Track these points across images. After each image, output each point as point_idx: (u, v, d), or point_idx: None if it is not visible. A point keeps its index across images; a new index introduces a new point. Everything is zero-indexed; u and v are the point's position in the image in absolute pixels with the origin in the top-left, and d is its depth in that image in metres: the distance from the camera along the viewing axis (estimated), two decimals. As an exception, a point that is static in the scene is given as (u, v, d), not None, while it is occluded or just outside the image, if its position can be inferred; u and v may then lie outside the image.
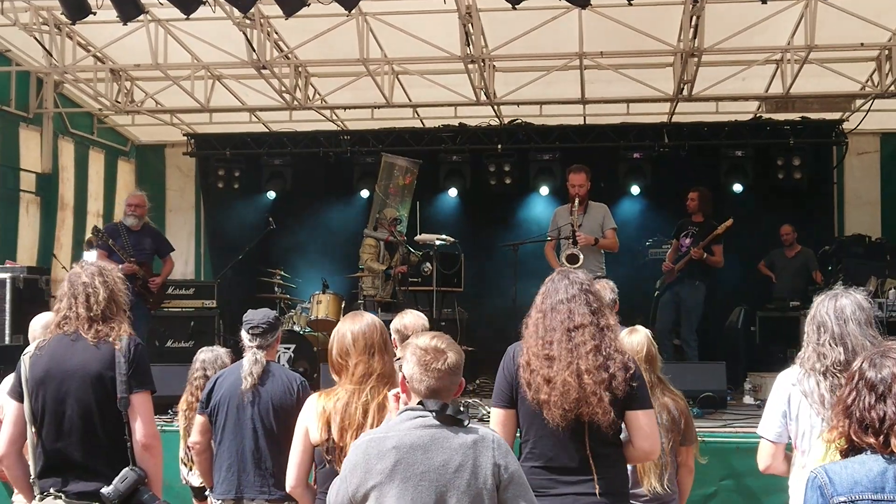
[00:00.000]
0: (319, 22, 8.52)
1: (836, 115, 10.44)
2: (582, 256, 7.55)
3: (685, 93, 9.35)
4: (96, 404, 3.49)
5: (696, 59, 8.66)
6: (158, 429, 3.70)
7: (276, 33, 9.14)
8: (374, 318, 3.67)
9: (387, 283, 9.90)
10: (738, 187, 10.82)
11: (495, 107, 10.50)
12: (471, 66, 9.08)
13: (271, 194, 11.74)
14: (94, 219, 10.91)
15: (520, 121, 11.11)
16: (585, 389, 3.19)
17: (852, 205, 11.22)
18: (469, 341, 8.84)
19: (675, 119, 10.82)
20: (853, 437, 2.43)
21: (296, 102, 9.87)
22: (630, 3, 7.35)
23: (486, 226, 11.17)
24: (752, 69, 9.33)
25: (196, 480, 5.05)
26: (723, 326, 10.31)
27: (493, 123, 11.15)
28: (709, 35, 8.29)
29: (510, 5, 7.08)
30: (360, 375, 3.49)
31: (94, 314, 3.57)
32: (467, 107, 10.25)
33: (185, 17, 7.49)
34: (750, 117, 10.78)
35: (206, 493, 4.75)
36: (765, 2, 7.49)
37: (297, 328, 9.49)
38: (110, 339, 3.54)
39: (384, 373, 3.51)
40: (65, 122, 10.68)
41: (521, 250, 8.15)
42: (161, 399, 4.06)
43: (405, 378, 2.76)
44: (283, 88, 9.70)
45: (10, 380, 3.82)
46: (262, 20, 8.65)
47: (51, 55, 8.97)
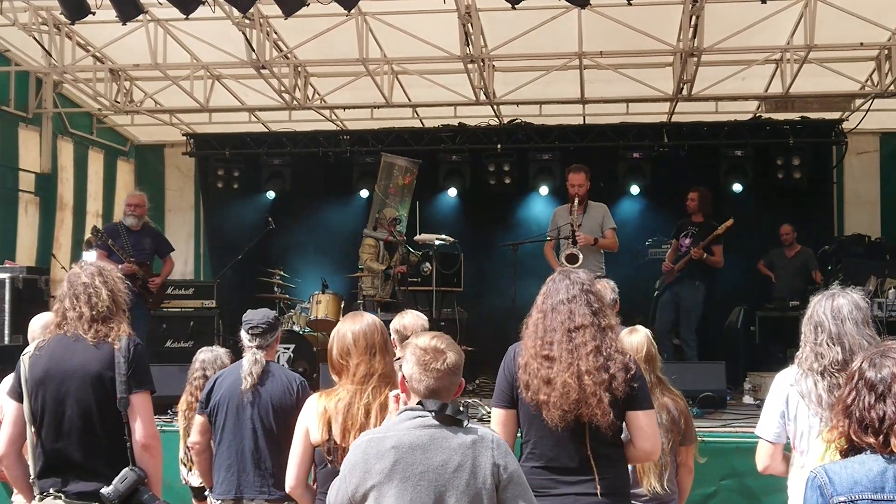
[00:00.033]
0: (319, 22, 8.52)
1: (836, 115, 10.44)
2: (581, 256, 7.55)
3: (685, 92, 9.34)
4: (96, 404, 3.49)
5: (695, 59, 8.66)
6: (158, 429, 3.69)
7: (276, 33, 9.14)
8: (374, 319, 3.66)
9: (386, 283, 9.90)
10: (737, 187, 10.82)
11: (495, 106, 10.49)
12: (470, 66, 9.08)
13: (271, 194, 11.73)
14: (93, 219, 10.91)
15: (519, 120, 11.11)
16: (585, 391, 3.18)
17: (852, 204, 11.21)
18: (469, 341, 8.83)
19: (675, 119, 10.82)
20: (853, 437, 2.43)
21: (295, 102, 9.87)
22: (630, 3, 7.34)
23: (485, 226, 11.16)
24: (751, 69, 9.32)
25: (196, 481, 5.04)
26: (722, 326, 10.31)
27: (493, 123, 11.14)
28: (708, 35, 8.28)
29: (510, 5, 7.07)
30: (361, 376, 3.48)
31: (94, 314, 3.56)
32: (467, 106, 10.24)
33: (185, 16, 7.49)
34: (749, 117, 10.78)
35: (206, 494, 4.75)
36: (764, 1, 7.49)
37: (296, 328, 9.48)
38: (110, 340, 3.54)
39: (385, 373, 3.50)
40: (64, 122, 10.67)
41: (521, 250, 8.15)
42: (160, 399, 4.06)
43: (405, 378, 2.76)
44: (283, 88, 9.69)
45: (10, 380, 3.82)
46: (261, 20, 8.65)
47: (50, 55, 8.97)
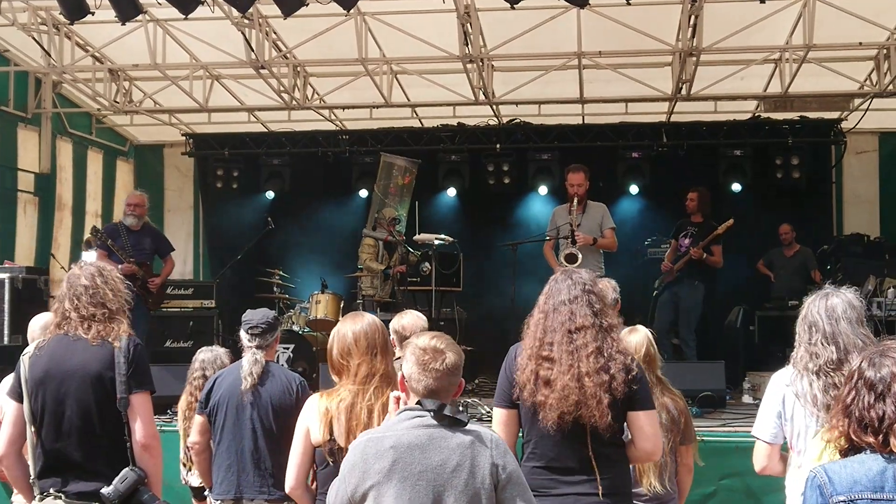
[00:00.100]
0: (318, 22, 8.52)
1: (835, 115, 10.44)
2: (581, 256, 7.55)
3: (684, 92, 9.34)
4: (96, 404, 3.49)
5: (694, 59, 8.67)
6: (158, 429, 3.69)
7: (275, 33, 9.14)
8: (374, 319, 3.65)
9: (386, 283, 9.91)
10: (736, 187, 10.82)
11: (494, 106, 10.49)
12: (469, 66, 9.08)
13: (270, 194, 11.72)
14: (92, 219, 10.91)
15: (518, 120, 11.11)
16: (586, 392, 3.17)
17: (851, 204, 11.22)
18: (468, 341, 8.83)
19: (674, 118, 10.82)
20: (852, 437, 2.43)
21: (294, 102, 9.87)
22: (629, 3, 7.35)
23: (484, 225, 11.17)
24: (750, 68, 9.33)
25: (195, 481, 5.05)
26: (722, 326, 10.31)
27: (492, 123, 11.15)
28: (707, 34, 8.29)
29: (509, 5, 7.07)
30: (363, 376, 3.47)
31: (94, 314, 3.56)
32: (466, 106, 10.24)
33: (184, 17, 7.49)
34: (748, 117, 10.78)
35: (206, 494, 4.75)
36: (763, 1, 7.48)
37: (296, 328, 9.48)
38: (110, 340, 3.54)
39: (386, 373, 3.50)
40: (63, 122, 10.67)
41: (520, 250, 8.16)
42: (160, 399, 4.07)
43: (404, 377, 2.76)
44: (282, 88, 9.69)
45: (10, 380, 3.82)
46: (260, 20, 8.65)
47: (49, 55, 8.96)
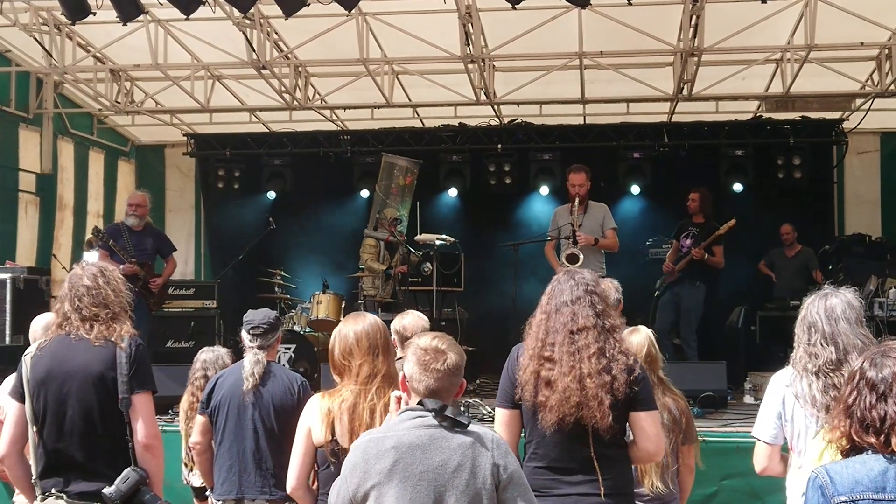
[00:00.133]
0: (319, 22, 8.52)
1: (836, 115, 10.43)
2: (582, 256, 7.56)
3: (685, 92, 9.34)
4: (98, 405, 3.49)
5: (695, 59, 8.66)
6: (160, 429, 3.70)
7: (276, 33, 9.14)
8: (376, 319, 3.65)
9: (387, 283, 9.90)
10: (738, 187, 10.81)
11: (495, 107, 10.49)
12: (471, 66, 9.08)
13: (271, 194, 11.73)
14: (94, 219, 10.91)
15: (520, 120, 11.11)
16: (587, 393, 3.17)
17: (852, 204, 11.21)
18: (469, 341, 8.83)
19: (675, 119, 10.82)
20: (854, 437, 2.43)
21: (296, 102, 9.86)
22: (630, 3, 7.34)
23: (486, 226, 11.15)
24: (751, 69, 9.32)
25: (197, 481, 5.05)
26: (723, 326, 10.30)
27: (493, 123, 11.14)
28: (709, 34, 8.28)
29: (510, 5, 7.06)
30: (365, 376, 3.47)
31: (96, 315, 3.56)
32: (467, 107, 10.24)
33: (185, 17, 7.48)
34: (750, 117, 10.78)
35: (207, 494, 4.75)
36: (764, 1, 7.48)
37: (297, 328, 9.48)
38: (112, 340, 3.54)
39: (388, 373, 3.50)
40: (64, 123, 10.66)
41: (522, 250, 8.15)
42: (162, 399, 4.08)
43: (405, 377, 2.76)
44: (283, 88, 9.69)
45: (11, 380, 3.82)
46: (261, 20, 8.64)
47: (51, 55, 8.96)
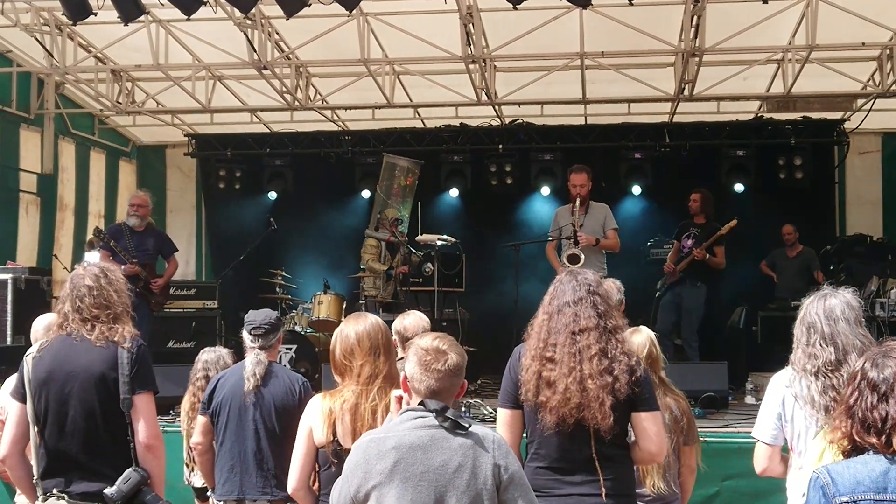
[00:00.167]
0: (320, 22, 8.52)
1: (838, 115, 10.43)
2: (583, 257, 7.56)
3: (686, 93, 9.33)
4: (99, 405, 3.49)
5: (697, 59, 8.65)
6: (161, 430, 3.70)
7: (277, 34, 9.14)
8: (377, 319, 3.65)
9: (388, 284, 9.90)
10: (739, 187, 10.81)
11: (496, 107, 10.49)
12: (472, 67, 9.08)
13: (272, 195, 11.74)
14: (95, 220, 10.91)
15: (521, 121, 11.11)
16: (588, 394, 3.17)
17: (854, 205, 11.20)
18: (470, 341, 8.82)
19: (677, 119, 10.82)
20: (855, 438, 2.43)
21: (297, 103, 9.87)
22: (631, 3, 7.34)
23: (487, 226, 11.15)
24: (753, 69, 9.31)
25: (198, 481, 5.05)
26: (724, 326, 10.31)
27: (495, 123, 11.14)
28: (710, 35, 8.28)
29: (511, 5, 7.06)
30: (366, 376, 3.47)
31: (97, 315, 3.56)
32: (468, 107, 10.23)
33: (186, 17, 7.49)
34: (751, 117, 10.78)
35: (209, 494, 4.75)
36: (766, 1, 7.47)
37: (298, 329, 9.49)
38: (113, 340, 3.54)
39: (389, 374, 3.50)
40: (66, 123, 10.67)
41: (523, 250, 8.16)
42: (163, 400, 4.07)
43: (406, 378, 2.76)
44: (284, 89, 9.69)
45: (13, 381, 3.82)
46: (262, 20, 8.64)
47: (52, 56, 8.97)
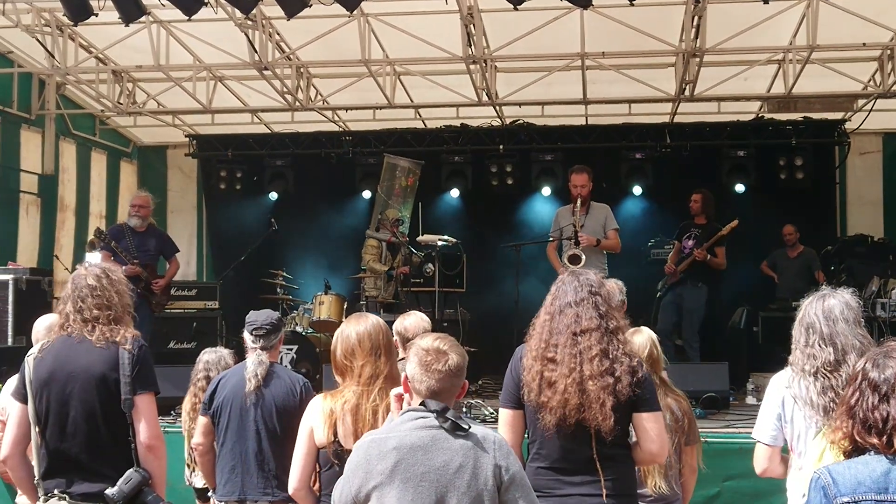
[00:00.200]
0: (321, 23, 8.52)
1: (839, 115, 10.42)
2: (584, 257, 7.56)
3: (687, 93, 9.33)
4: (100, 406, 3.49)
5: (697, 60, 8.65)
6: (162, 430, 3.70)
7: (278, 34, 9.15)
8: (378, 320, 3.66)
9: (389, 284, 9.90)
10: (740, 187, 10.81)
11: (497, 107, 10.49)
12: (472, 67, 9.07)
13: (273, 195, 11.74)
14: (96, 220, 10.91)
15: (521, 121, 11.10)
16: (589, 395, 3.17)
17: (855, 205, 11.19)
18: (471, 342, 8.82)
19: (677, 119, 10.81)
20: (856, 438, 2.43)
21: (297, 103, 9.86)
22: (632, 4, 7.34)
23: (488, 226, 11.15)
24: (753, 69, 9.31)
25: (199, 482, 5.05)
26: (725, 327, 10.30)
27: (495, 124, 11.15)
28: (710, 35, 8.28)
29: (512, 6, 7.07)
30: (367, 377, 3.48)
31: (98, 316, 3.56)
32: (469, 107, 10.23)
33: (187, 18, 7.49)
34: (752, 117, 10.78)
35: (210, 495, 4.75)
36: (766, 2, 7.47)
37: (299, 329, 9.48)
38: (114, 341, 3.54)
39: (390, 374, 3.50)
40: (67, 124, 10.67)
41: (524, 251, 8.17)
42: (164, 400, 4.07)
43: (407, 378, 2.76)
44: (285, 89, 9.69)
45: (14, 381, 3.82)
46: (263, 21, 8.65)
47: (53, 57, 8.97)
